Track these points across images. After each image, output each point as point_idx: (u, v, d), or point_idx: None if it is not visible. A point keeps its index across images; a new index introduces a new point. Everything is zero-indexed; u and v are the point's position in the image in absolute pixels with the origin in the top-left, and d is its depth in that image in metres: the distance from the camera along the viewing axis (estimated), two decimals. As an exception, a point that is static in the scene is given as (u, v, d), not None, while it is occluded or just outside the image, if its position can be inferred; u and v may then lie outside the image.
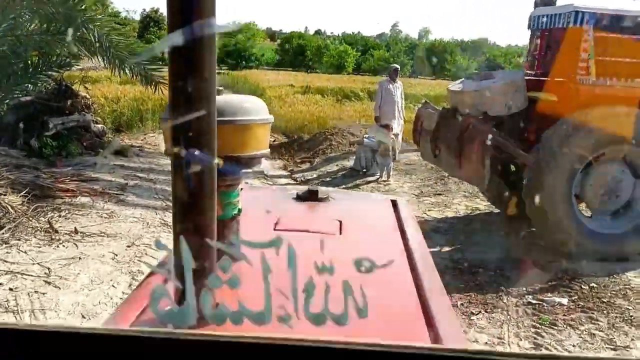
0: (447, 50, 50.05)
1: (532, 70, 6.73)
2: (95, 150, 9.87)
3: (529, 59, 6.99)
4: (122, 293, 4.44)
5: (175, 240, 0.98)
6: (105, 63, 8.04)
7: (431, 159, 6.93)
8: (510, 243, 6.29)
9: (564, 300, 4.95)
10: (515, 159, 5.84)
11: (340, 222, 1.83)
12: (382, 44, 54.81)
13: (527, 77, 6.29)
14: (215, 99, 1.03)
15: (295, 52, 48.84)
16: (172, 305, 0.82)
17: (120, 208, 6.76)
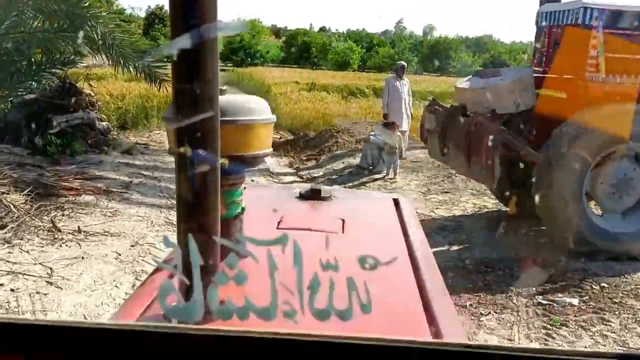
0: (452, 47, 49.98)
1: (540, 67, 6.64)
2: (100, 148, 9.83)
3: (537, 55, 6.90)
4: (125, 294, 4.38)
5: (180, 238, 1.01)
6: (109, 61, 7.99)
7: (439, 157, 6.84)
8: (519, 242, 6.20)
9: (575, 301, 4.86)
10: (524, 157, 5.75)
11: (343, 221, 1.84)
12: (386, 41, 54.72)
13: (535, 75, 6.19)
14: (218, 100, 1.04)
15: (300, 49, 48.83)
16: (179, 301, 0.84)
17: (125, 206, 6.70)
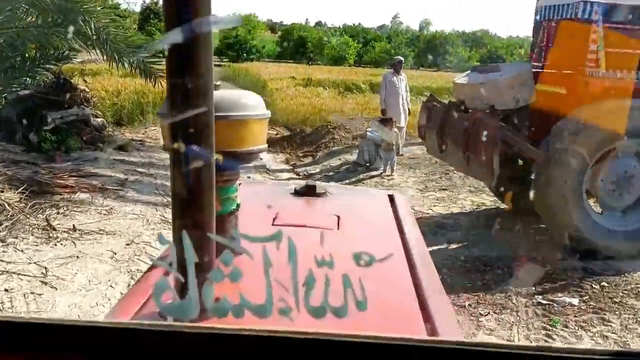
0: (449, 42, 49.88)
1: (539, 63, 6.58)
2: (95, 145, 9.74)
3: (536, 50, 6.83)
4: (120, 293, 4.31)
5: (175, 235, 1.01)
6: (104, 56, 7.89)
7: (437, 153, 6.77)
8: (518, 240, 6.15)
9: (575, 301, 4.82)
10: (523, 154, 5.70)
11: (338, 217, 1.83)
12: (383, 36, 54.55)
13: (534, 70, 6.14)
14: (213, 95, 1.03)
15: (296, 44, 48.64)
16: (174, 298, 0.83)
17: (120, 204, 6.63)
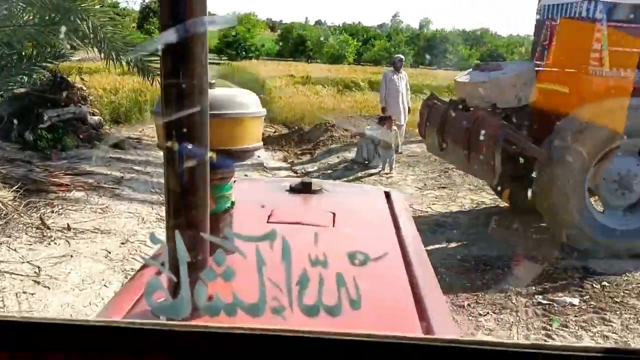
0: (449, 40, 49.83)
1: (541, 61, 6.51)
2: (92, 143, 9.68)
3: (539, 49, 6.77)
4: (114, 293, 4.25)
5: (168, 234, 1.00)
6: (101, 54, 7.82)
7: (437, 152, 6.70)
8: (519, 239, 6.08)
9: (575, 301, 4.76)
10: (525, 152, 5.64)
11: (334, 215, 1.82)
12: (383, 34, 54.46)
13: (537, 68, 6.07)
14: (208, 94, 1.03)
15: (296, 42, 48.53)
16: (166, 297, 0.83)
17: (115, 203, 6.56)
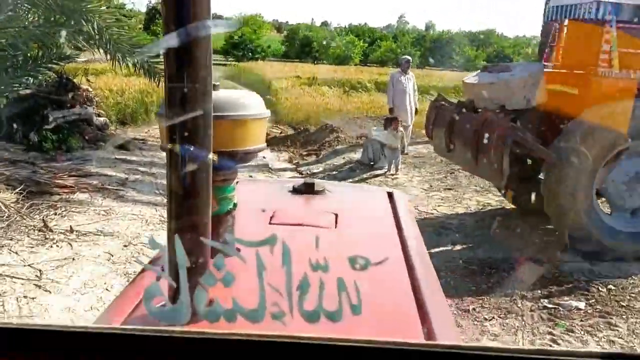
0: (455, 41, 49.70)
1: (550, 62, 6.44)
2: (97, 144, 9.67)
3: (547, 50, 6.70)
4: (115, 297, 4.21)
5: (169, 237, 1.00)
6: (106, 56, 7.80)
7: (445, 153, 6.61)
8: (525, 241, 6.01)
9: (581, 304, 4.69)
10: (534, 154, 5.57)
11: (336, 216, 1.81)
12: (389, 35, 54.39)
13: (545, 70, 6.00)
14: (212, 97, 1.02)
15: (302, 43, 48.54)
16: (165, 302, 0.83)
17: (119, 204, 6.52)
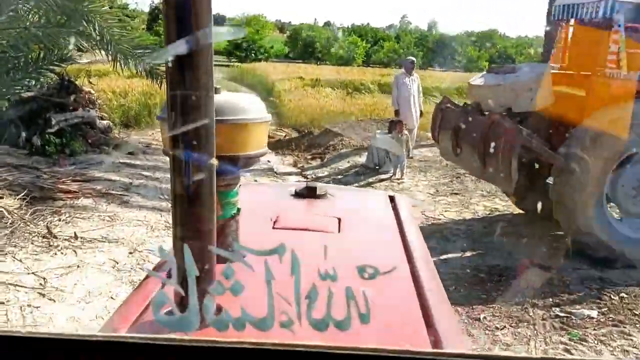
0: (457, 41, 49.62)
1: (557, 63, 6.36)
2: (101, 148, 9.60)
3: (553, 51, 6.62)
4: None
5: (175, 244, 1.00)
6: (108, 57, 7.74)
7: (452, 157, 6.53)
8: (535, 247, 5.93)
9: (594, 313, 4.61)
10: (542, 158, 5.49)
11: (339, 220, 1.80)
12: (391, 36, 54.28)
13: (552, 71, 5.92)
14: (213, 104, 1.01)
15: (305, 44, 48.47)
16: (173, 310, 0.81)
17: (124, 210, 6.45)
